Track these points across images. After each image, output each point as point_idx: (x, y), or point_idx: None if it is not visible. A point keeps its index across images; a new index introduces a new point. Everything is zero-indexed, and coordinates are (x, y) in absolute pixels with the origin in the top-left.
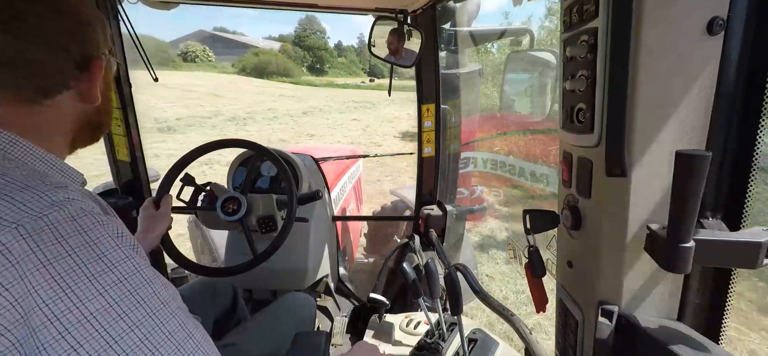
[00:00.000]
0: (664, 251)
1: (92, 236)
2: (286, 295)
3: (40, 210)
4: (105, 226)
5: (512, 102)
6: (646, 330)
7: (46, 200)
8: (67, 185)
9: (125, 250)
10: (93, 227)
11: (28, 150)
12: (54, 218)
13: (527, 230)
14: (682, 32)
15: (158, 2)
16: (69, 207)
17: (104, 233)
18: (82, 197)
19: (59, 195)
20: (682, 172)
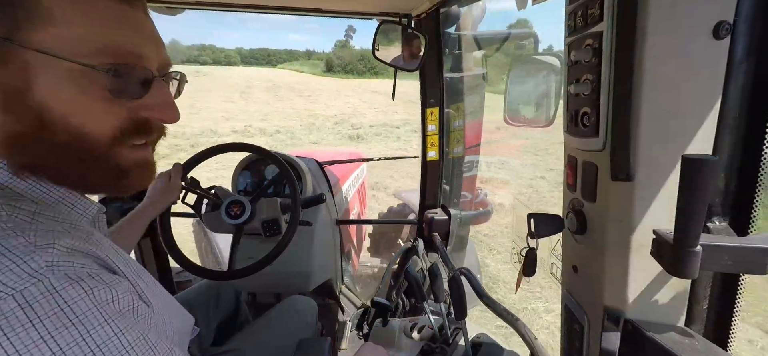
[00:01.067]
0: (670, 256)
1: (75, 313)
2: (288, 299)
3: (13, 285)
4: (90, 296)
5: (516, 106)
6: (653, 336)
7: (24, 269)
8: (53, 242)
9: (115, 326)
10: (77, 300)
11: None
12: (29, 295)
13: (531, 233)
14: (688, 37)
15: (165, 8)
16: (50, 276)
17: (88, 307)
18: (69, 254)
19: (40, 260)
20: (689, 177)
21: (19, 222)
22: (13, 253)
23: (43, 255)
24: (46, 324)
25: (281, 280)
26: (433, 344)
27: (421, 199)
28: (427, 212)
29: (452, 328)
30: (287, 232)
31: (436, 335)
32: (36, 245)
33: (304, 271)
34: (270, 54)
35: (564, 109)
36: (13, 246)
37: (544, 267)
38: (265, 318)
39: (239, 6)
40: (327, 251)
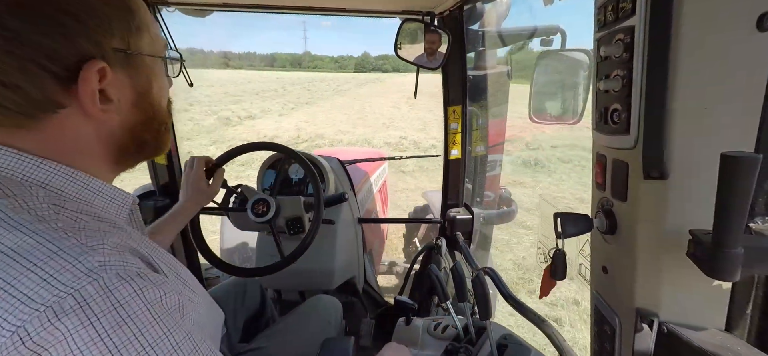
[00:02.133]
0: (708, 258)
1: (127, 312)
2: (313, 298)
3: (71, 284)
4: (141, 295)
5: (542, 103)
6: (691, 341)
7: (80, 268)
8: (102, 242)
9: (163, 326)
10: (129, 300)
11: (70, 178)
12: (87, 294)
13: (558, 234)
14: (729, 29)
15: (194, 9)
16: (105, 275)
17: (140, 307)
18: (118, 253)
19: (93, 260)
20: (729, 175)
21: (67, 222)
22: (68, 253)
23: (96, 255)
24: (102, 322)
25: (305, 278)
26: (457, 344)
27: (443, 198)
28: (449, 211)
29: (477, 328)
30: (310, 230)
31: (460, 335)
32: (87, 245)
33: (327, 269)
34: None
35: (593, 106)
36: (67, 247)
37: (572, 268)
38: (290, 317)
39: (264, 7)
40: (350, 250)
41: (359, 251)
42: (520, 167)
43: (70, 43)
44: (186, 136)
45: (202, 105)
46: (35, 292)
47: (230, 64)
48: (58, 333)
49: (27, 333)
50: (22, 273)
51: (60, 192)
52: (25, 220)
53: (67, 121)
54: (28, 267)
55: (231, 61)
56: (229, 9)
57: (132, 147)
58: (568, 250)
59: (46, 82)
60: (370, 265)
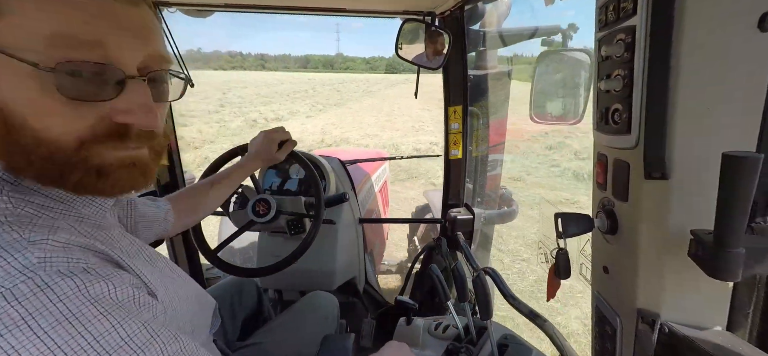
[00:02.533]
0: (710, 258)
1: (69, 308)
2: (310, 294)
3: (2, 283)
4: (84, 290)
5: (543, 103)
6: (693, 340)
7: (16, 265)
8: (47, 237)
9: (112, 319)
10: (70, 295)
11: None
12: (18, 293)
13: (559, 233)
14: (730, 28)
15: (195, 10)
16: (41, 274)
17: (83, 302)
18: (63, 249)
19: (32, 256)
20: (731, 175)
21: (21, 216)
22: (5, 249)
23: (36, 251)
24: (38, 320)
25: (305, 278)
26: (458, 344)
27: (444, 198)
28: (450, 211)
29: (477, 328)
30: (311, 230)
31: (460, 335)
32: (29, 240)
33: (328, 269)
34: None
35: (594, 106)
36: (6, 242)
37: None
38: (287, 314)
39: (265, 7)
40: (350, 250)
41: (360, 252)
42: (571, 181)
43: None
44: (210, 138)
45: (232, 106)
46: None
47: (266, 65)
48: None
49: None
50: None
51: (31, 188)
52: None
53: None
54: None
55: (267, 63)
56: (230, 9)
57: (19, 171)
58: (569, 250)
59: None
60: (371, 265)
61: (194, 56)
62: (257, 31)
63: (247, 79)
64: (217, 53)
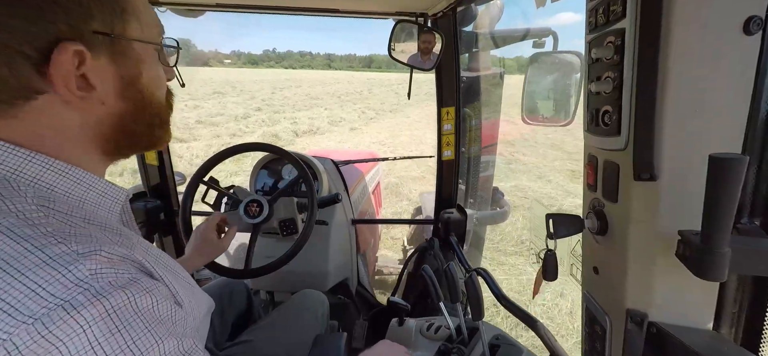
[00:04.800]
0: (697, 258)
1: (120, 320)
2: (299, 293)
3: (61, 295)
4: (133, 303)
5: (534, 104)
6: (680, 340)
7: (70, 278)
8: (95, 249)
9: (155, 334)
10: (122, 308)
11: (62, 173)
12: (77, 303)
13: (550, 234)
14: (717, 32)
15: (185, 9)
16: (95, 285)
17: (132, 315)
18: (109, 262)
19: (84, 269)
20: (717, 176)
21: (58, 226)
22: (57, 263)
23: (87, 263)
24: (94, 329)
25: (298, 279)
26: (449, 344)
27: (436, 199)
28: (443, 212)
29: (469, 329)
30: (304, 231)
31: (452, 335)
32: (78, 253)
33: (320, 270)
34: None
35: (584, 107)
36: (57, 255)
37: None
38: (277, 312)
39: (257, 7)
40: (343, 251)
41: (353, 253)
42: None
43: (45, 25)
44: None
45: (268, 111)
46: (23, 304)
47: (333, 65)
48: (48, 344)
49: (15, 346)
50: (9, 284)
51: (50, 188)
52: (12, 224)
53: (47, 108)
54: (16, 277)
55: (333, 63)
56: (221, 9)
57: (122, 139)
58: (559, 251)
59: (21, 65)
60: (363, 266)
61: (270, 55)
62: (325, 33)
63: (305, 78)
64: (290, 53)
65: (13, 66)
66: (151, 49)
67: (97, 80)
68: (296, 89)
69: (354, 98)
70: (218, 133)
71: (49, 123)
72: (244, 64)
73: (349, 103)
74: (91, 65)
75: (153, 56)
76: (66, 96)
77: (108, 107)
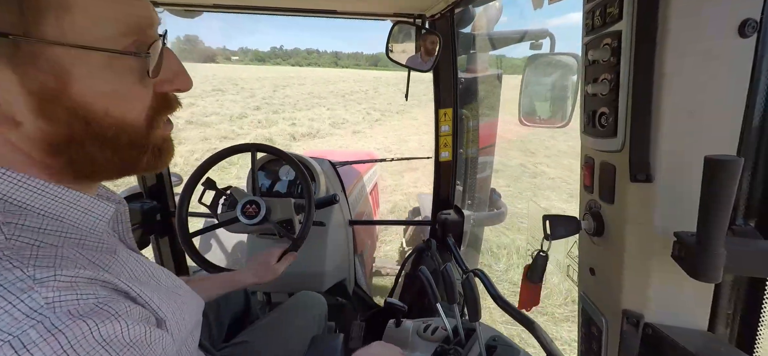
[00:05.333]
0: (692, 259)
1: (79, 353)
2: (298, 294)
3: (9, 329)
4: (97, 331)
5: (531, 106)
6: (675, 340)
7: (22, 309)
8: (53, 275)
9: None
10: (82, 339)
11: (18, 183)
12: (27, 339)
13: (546, 235)
14: (712, 35)
15: (182, 10)
16: (50, 316)
17: (94, 344)
18: (71, 287)
19: (39, 298)
20: (713, 178)
21: (19, 247)
22: (9, 291)
23: (43, 291)
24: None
25: (295, 280)
26: (446, 345)
27: (434, 200)
28: (440, 213)
29: (466, 330)
30: (301, 232)
31: (449, 336)
32: (34, 278)
33: (317, 271)
34: None
35: (581, 109)
36: (9, 282)
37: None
38: (274, 313)
39: (254, 8)
40: (340, 252)
41: (350, 254)
42: None
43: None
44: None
45: (267, 110)
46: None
47: (339, 63)
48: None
49: None
50: None
51: (22, 206)
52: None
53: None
54: None
55: (340, 61)
56: (218, 10)
57: (83, 167)
58: (556, 252)
59: None
60: (360, 267)
61: (277, 53)
62: (330, 30)
63: (310, 75)
64: (297, 50)
65: None
66: (95, 56)
67: (1, 95)
68: (299, 87)
69: (359, 97)
70: (207, 135)
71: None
72: (250, 61)
73: (353, 103)
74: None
75: (101, 65)
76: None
77: (28, 128)
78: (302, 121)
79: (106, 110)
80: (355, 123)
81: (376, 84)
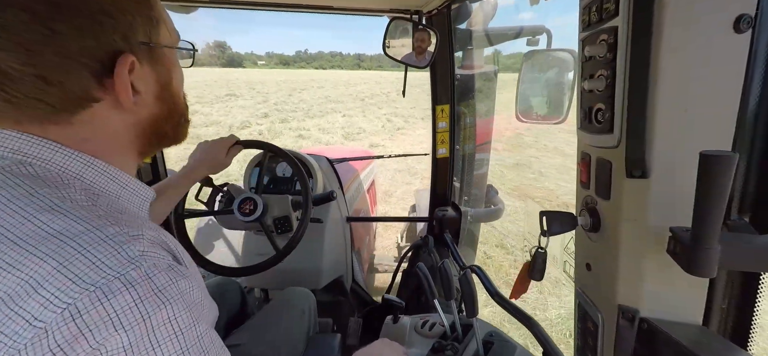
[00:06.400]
0: (687, 254)
1: (165, 297)
2: (285, 291)
3: (118, 269)
4: (175, 284)
5: (528, 102)
6: (670, 335)
7: (124, 255)
8: (141, 233)
9: (192, 315)
10: (166, 287)
11: (102, 171)
12: (131, 278)
13: (544, 232)
14: (707, 31)
15: (178, 6)
16: (144, 264)
17: (175, 294)
18: (153, 246)
19: (135, 249)
20: (707, 173)
21: (106, 211)
22: (113, 240)
23: (136, 244)
24: (145, 304)
25: (292, 277)
26: (444, 341)
27: (431, 196)
28: (437, 209)
29: (463, 325)
30: (298, 229)
31: (446, 332)
32: (129, 234)
33: (315, 268)
34: None
35: (577, 105)
36: (111, 235)
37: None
38: (263, 312)
39: (251, 4)
40: (338, 249)
41: (347, 250)
42: None
43: (105, 40)
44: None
45: (276, 117)
46: (86, 273)
47: (362, 65)
48: (105, 313)
49: (77, 311)
50: (73, 256)
51: (92, 185)
52: (70, 207)
53: (100, 114)
54: (78, 250)
55: (363, 63)
56: (215, 6)
57: (154, 139)
58: (553, 248)
59: (84, 78)
60: (358, 264)
61: (301, 56)
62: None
63: (331, 78)
64: (321, 54)
65: (77, 77)
66: (176, 53)
67: (142, 86)
68: (317, 91)
69: (380, 100)
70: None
71: (100, 127)
72: (275, 65)
73: (373, 107)
74: (138, 73)
75: (177, 59)
76: (126, 104)
77: (148, 110)
78: (311, 131)
79: (179, 91)
80: (373, 133)
81: (399, 85)
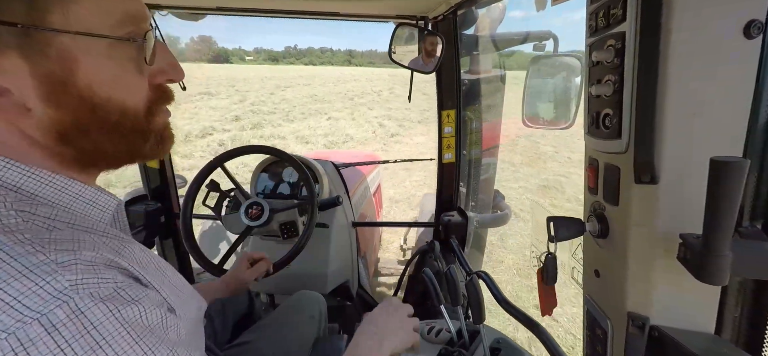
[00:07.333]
0: (698, 261)
1: (101, 334)
2: (297, 294)
3: (38, 308)
4: (117, 315)
5: (535, 107)
6: (681, 343)
7: (48, 290)
8: (75, 259)
9: (145, 344)
10: (102, 322)
11: (27, 174)
12: (55, 318)
13: (551, 238)
14: (717, 36)
15: (187, 14)
16: (75, 297)
17: (115, 328)
18: (91, 271)
19: (63, 280)
20: (718, 179)
21: (37, 233)
22: (34, 273)
23: (66, 274)
24: (74, 347)
25: (298, 281)
26: (450, 347)
27: (437, 201)
28: (443, 214)
29: (470, 332)
30: (304, 234)
31: (453, 338)
32: (58, 262)
33: (321, 273)
34: None
35: (585, 110)
36: (34, 265)
37: (565, 271)
38: (274, 314)
39: (258, 11)
40: (344, 253)
41: (353, 255)
42: None
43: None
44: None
45: (249, 121)
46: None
47: (353, 61)
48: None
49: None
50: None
51: (32, 196)
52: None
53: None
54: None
55: (354, 59)
56: (222, 13)
57: (87, 154)
58: (560, 254)
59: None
60: (364, 269)
61: (291, 52)
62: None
63: (320, 74)
64: (311, 50)
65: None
66: (98, 44)
67: (8, 82)
68: (303, 88)
69: (371, 100)
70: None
71: (5, 128)
72: (263, 61)
73: (363, 108)
74: (4, 66)
75: (104, 52)
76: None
77: (37, 115)
78: (287, 140)
79: (109, 96)
80: (363, 141)
81: (392, 83)
